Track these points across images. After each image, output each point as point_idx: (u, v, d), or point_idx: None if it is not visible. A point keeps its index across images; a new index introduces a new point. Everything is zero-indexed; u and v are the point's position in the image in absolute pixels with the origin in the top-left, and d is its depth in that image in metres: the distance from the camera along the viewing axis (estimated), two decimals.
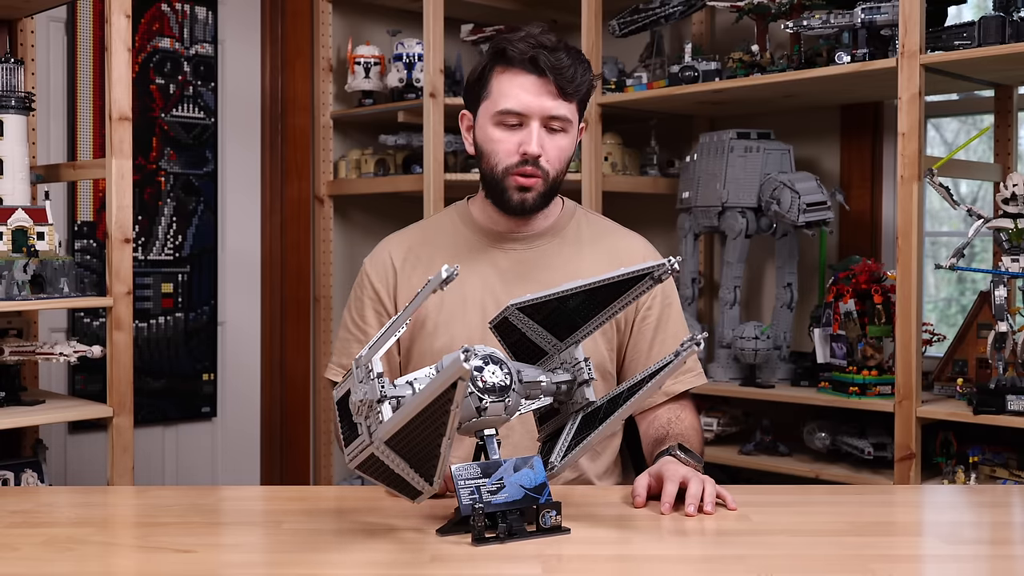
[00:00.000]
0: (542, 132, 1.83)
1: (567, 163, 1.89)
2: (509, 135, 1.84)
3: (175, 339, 3.48)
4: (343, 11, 3.67)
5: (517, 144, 1.83)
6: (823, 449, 2.88)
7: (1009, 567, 1.44)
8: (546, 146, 1.83)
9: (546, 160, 1.84)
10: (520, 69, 1.82)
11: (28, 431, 2.79)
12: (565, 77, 1.80)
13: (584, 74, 1.83)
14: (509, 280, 1.92)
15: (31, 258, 2.43)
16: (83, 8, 3.27)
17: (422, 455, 1.40)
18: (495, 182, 1.87)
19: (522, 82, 1.82)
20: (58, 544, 1.48)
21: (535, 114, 1.82)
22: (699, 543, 1.48)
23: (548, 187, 1.87)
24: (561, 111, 1.82)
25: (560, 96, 1.81)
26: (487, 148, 1.87)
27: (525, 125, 1.83)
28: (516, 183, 1.85)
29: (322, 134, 3.63)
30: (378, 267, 1.98)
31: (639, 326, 1.96)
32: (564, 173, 1.90)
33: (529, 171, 1.83)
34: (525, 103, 1.82)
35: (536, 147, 1.82)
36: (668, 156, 3.47)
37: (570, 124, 1.85)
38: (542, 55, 1.79)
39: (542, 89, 1.81)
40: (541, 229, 1.96)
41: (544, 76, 1.80)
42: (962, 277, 3.93)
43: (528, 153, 1.82)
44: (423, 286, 1.42)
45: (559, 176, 1.88)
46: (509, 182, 1.85)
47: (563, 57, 1.80)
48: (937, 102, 3.23)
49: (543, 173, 1.85)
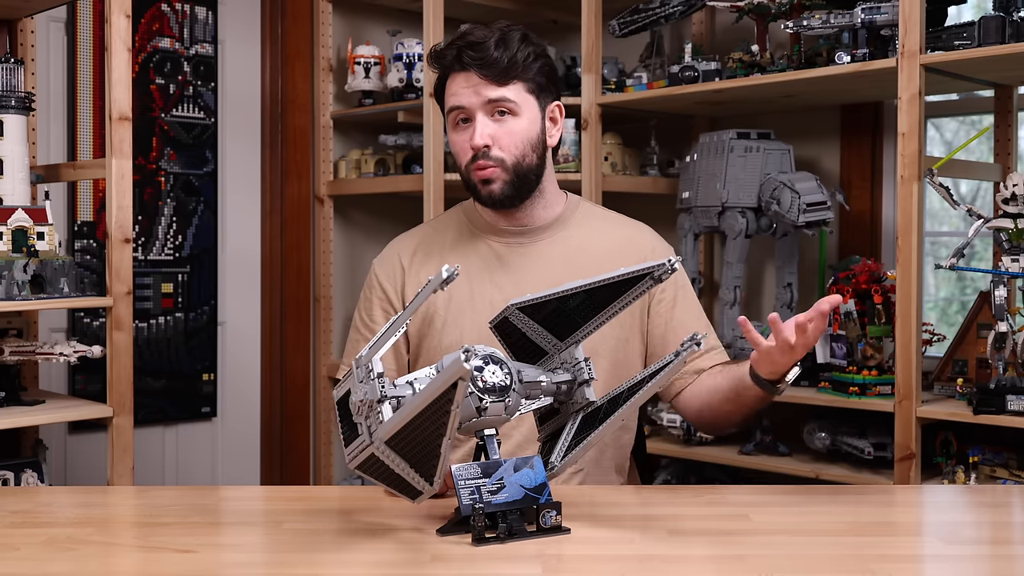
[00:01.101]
0: (488, 121, 1.87)
1: (530, 146, 1.89)
2: (462, 134, 1.90)
3: (175, 339, 3.48)
4: (343, 11, 3.67)
5: (468, 140, 1.88)
6: (823, 449, 2.88)
7: (1009, 567, 1.44)
8: (494, 133, 1.87)
9: (498, 148, 1.87)
10: (454, 71, 1.89)
11: (28, 431, 2.79)
12: (490, 64, 1.85)
13: (516, 54, 1.86)
14: (517, 275, 1.93)
15: (31, 258, 2.43)
16: (83, 8, 3.27)
17: (422, 455, 1.40)
18: (465, 181, 1.93)
19: (458, 80, 1.88)
20: (58, 544, 1.48)
21: (474, 106, 1.87)
22: (699, 543, 1.48)
23: (513, 174, 1.88)
24: (496, 94, 1.86)
25: (491, 81, 1.85)
26: (452, 151, 1.94)
27: (472, 119, 1.88)
28: (477, 177, 1.89)
29: (322, 134, 3.63)
30: (386, 266, 2.00)
31: (655, 309, 1.97)
32: (531, 157, 1.90)
33: (482, 163, 1.87)
34: (462, 98, 1.87)
35: (479, 138, 1.86)
36: (668, 156, 3.47)
37: (516, 105, 1.87)
38: (465, 53, 1.86)
39: (473, 81, 1.86)
40: (546, 222, 1.97)
41: (469, 70, 1.86)
42: (962, 277, 3.93)
43: (474, 146, 1.87)
44: (424, 286, 1.42)
45: (523, 160, 1.89)
46: (472, 178, 1.90)
47: (488, 46, 1.85)
48: (937, 102, 3.23)
49: (498, 161, 1.87)
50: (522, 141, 1.89)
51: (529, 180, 1.91)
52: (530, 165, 1.90)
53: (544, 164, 1.94)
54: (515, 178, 1.89)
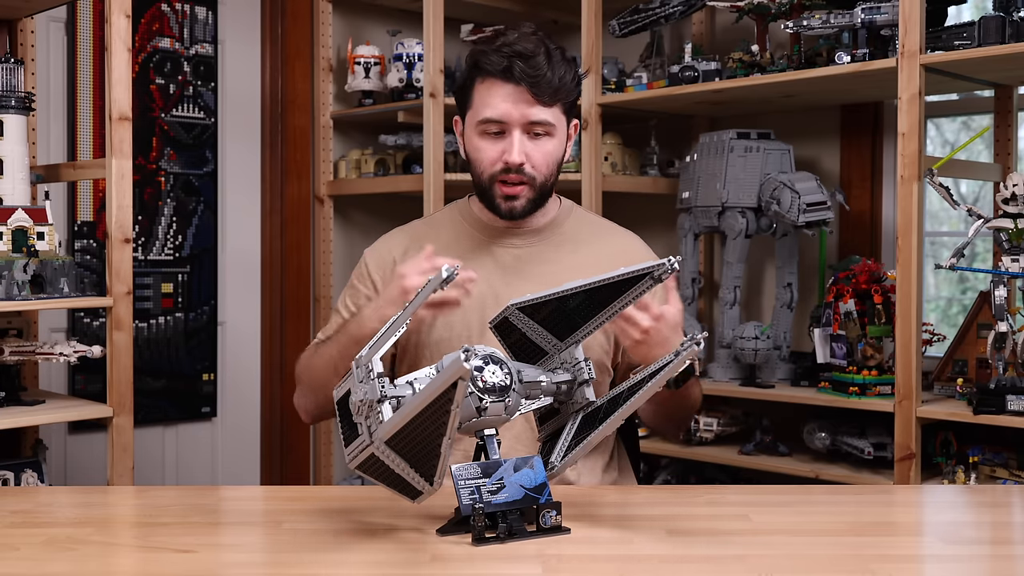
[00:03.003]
0: (524, 139, 1.84)
1: (556, 166, 1.90)
2: (492, 144, 1.86)
3: (175, 339, 3.48)
4: (343, 11, 3.67)
5: (500, 152, 1.85)
6: (823, 449, 2.88)
7: (1009, 567, 1.44)
8: (530, 152, 1.85)
9: (531, 166, 1.85)
10: (497, 79, 1.83)
11: (28, 431, 2.78)
12: (541, 85, 1.81)
13: (564, 76, 1.83)
14: (508, 275, 1.93)
15: (31, 258, 2.43)
16: (83, 8, 3.27)
17: (422, 455, 1.40)
18: (483, 189, 1.90)
19: (499, 91, 1.83)
20: (58, 544, 1.48)
21: (515, 122, 1.83)
22: (699, 543, 1.48)
23: (537, 193, 1.89)
24: (541, 116, 1.83)
25: (538, 102, 1.82)
26: (473, 157, 1.90)
27: (507, 133, 1.84)
28: (502, 192, 1.87)
29: (322, 134, 3.63)
30: (377, 259, 2.01)
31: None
32: (555, 176, 1.91)
33: (513, 179, 1.85)
34: (504, 112, 1.83)
35: (517, 156, 1.83)
36: (668, 156, 3.47)
37: (553, 128, 1.86)
38: (516, 64, 1.80)
39: (519, 97, 1.82)
40: (540, 226, 1.98)
41: (520, 84, 1.81)
42: (962, 277, 3.93)
43: (510, 162, 1.84)
44: (424, 285, 1.42)
45: (548, 180, 1.89)
46: (495, 190, 1.88)
47: (540, 63, 1.81)
48: (937, 102, 3.23)
49: (529, 179, 1.86)
50: (552, 162, 1.89)
51: (547, 198, 1.93)
52: (552, 183, 1.92)
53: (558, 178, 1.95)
54: (539, 196, 1.90)
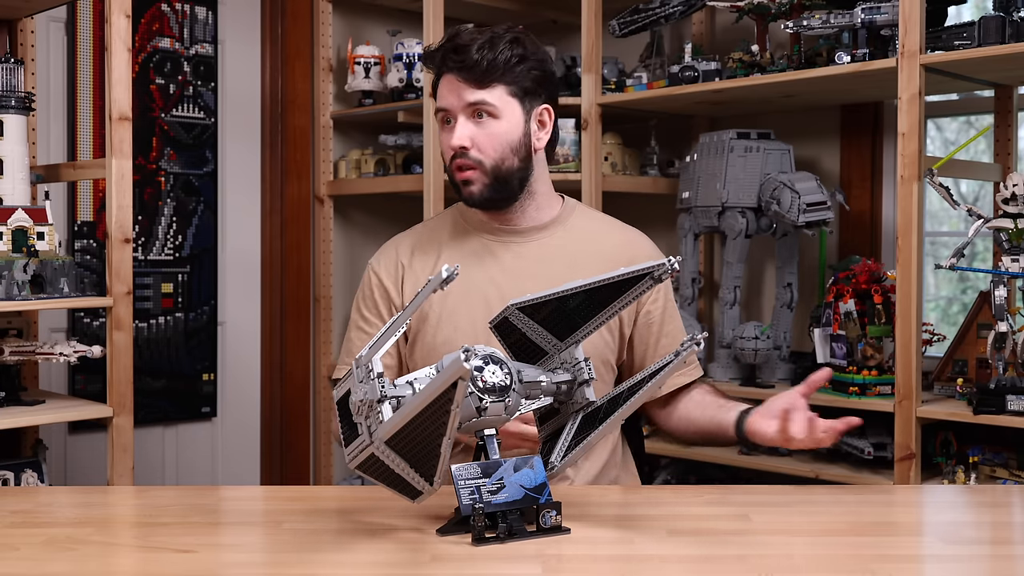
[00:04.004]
0: (468, 123, 1.89)
1: (510, 149, 1.90)
2: (446, 134, 1.92)
3: (175, 339, 3.48)
4: (343, 11, 3.67)
5: (449, 140, 1.91)
6: (823, 449, 2.88)
7: (1009, 567, 1.44)
8: (473, 134, 1.89)
9: (477, 150, 1.89)
10: (441, 73, 1.92)
11: (28, 431, 2.79)
12: (469, 67, 1.87)
13: (497, 58, 1.87)
14: (512, 274, 1.94)
15: (31, 258, 2.43)
16: (83, 8, 3.27)
17: (422, 455, 1.40)
18: (450, 179, 1.95)
19: (445, 83, 1.92)
20: (58, 544, 1.48)
21: (455, 108, 1.89)
22: (699, 543, 1.48)
23: (491, 177, 1.90)
24: (476, 97, 1.88)
25: (473, 84, 1.87)
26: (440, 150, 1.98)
27: (454, 121, 1.90)
28: (458, 178, 1.92)
29: (322, 134, 3.63)
30: (387, 265, 2.02)
31: (644, 319, 1.99)
32: (512, 160, 1.90)
33: (459, 163, 1.90)
34: (445, 100, 1.91)
35: (456, 140, 1.88)
36: (668, 156, 3.47)
37: (497, 108, 1.88)
38: (449, 57, 1.89)
39: (457, 84, 1.89)
40: (540, 223, 1.98)
41: (451, 72, 1.89)
42: (962, 277, 3.93)
43: (452, 146, 1.89)
44: (423, 285, 1.42)
45: (502, 163, 1.90)
46: (454, 178, 1.93)
47: (471, 50, 1.87)
48: (937, 102, 3.23)
49: (476, 163, 1.89)
50: (501, 144, 1.89)
51: (511, 183, 1.92)
52: (511, 168, 1.91)
53: (529, 167, 1.93)
54: (494, 181, 1.90)
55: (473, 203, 1.93)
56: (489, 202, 1.92)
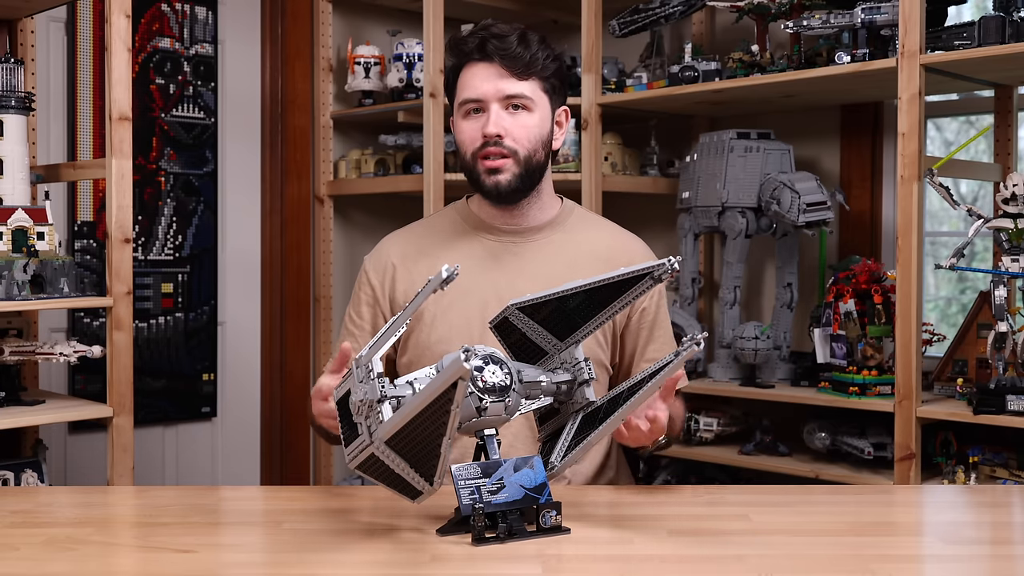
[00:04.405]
0: (502, 113, 1.88)
1: (540, 143, 1.91)
2: (473, 123, 1.90)
3: (175, 339, 3.48)
4: (343, 11, 3.67)
5: (479, 129, 1.89)
6: (823, 449, 2.88)
7: (1009, 567, 1.44)
8: (508, 125, 1.88)
9: (512, 139, 1.88)
10: (474, 60, 1.90)
11: (28, 431, 2.79)
12: (512, 57, 1.87)
13: (536, 53, 1.88)
14: (510, 274, 1.94)
15: (31, 258, 2.43)
16: (83, 8, 3.27)
17: (422, 455, 1.40)
18: (469, 170, 1.93)
19: (476, 71, 1.89)
20: (58, 544, 1.48)
21: (491, 97, 1.88)
22: (699, 543, 1.48)
23: (523, 168, 1.90)
24: (516, 89, 1.88)
25: (512, 75, 1.87)
26: (458, 139, 1.94)
27: (485, 110, 1.89)
28: (484, 167, 1.89)
29: (322, 134, 3.63)
30: (377, 264, 2.02)
31: (636, 323, 1.99)
32: (540, 154, 1.91)
33: (493, 151, 1.88)
34: (480, 89, 1.88)
35: (493, 127, 1.87)
36: (668, 156, 3.47)
37: (532, 102, 1.89)
38: (489, 42, 1.87)
39: (493, 73, 1.88)
40: (540, 223, 1.98)
41: (493, 61, 1.88)
42: (962, 277, 3.93)
43: (487, 133, 1.87)
44: (423, 286, 1.42)
45: (533, 156, 1.90)
46: (479, 167, 1.90)
47: (512, 40, 1.87)
48: (937, 102, 3.23)
49: (511, 152, 1.88)
50: (535, 136, 1.90)
51: (535, 177, 1.93)
52: (539, 162, 1.92)
53: (547, 165, 1.96)
54: (524, 171, 1.90)
55: (498, 194, 1.91)
56: (515, 193, 1.91)
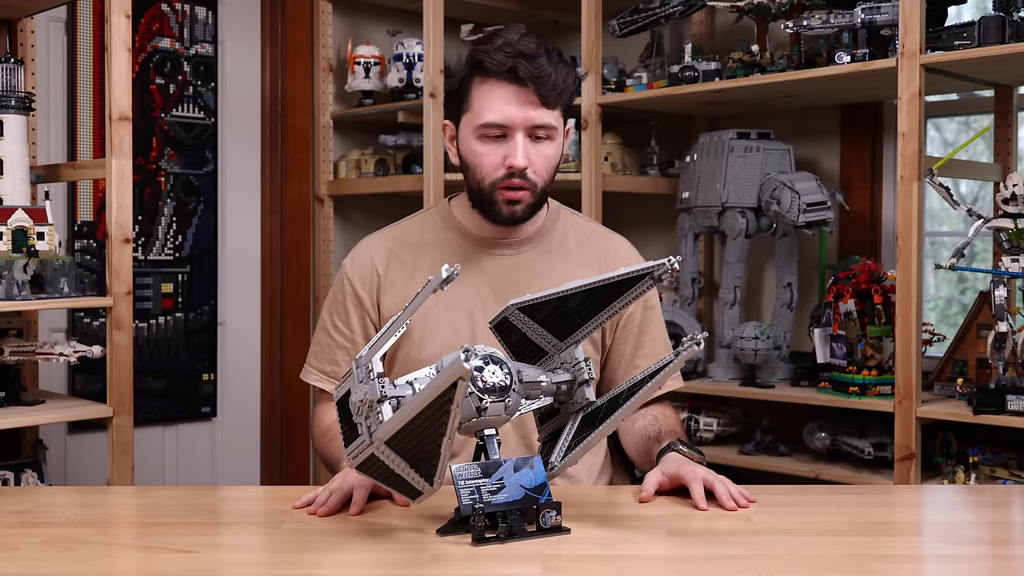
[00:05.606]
0: (527, 142, 1.78)
1: (554, 171, 1.86)
2: (493, 148, 1.79)
3: (175, 339, 3.48)
4: (343, 11, 3.67)
5: (502, 157, 1.79)
6: (823, 449, 2.88)
7: (1009, 567, 1.44)
8: (532, 157, 1.79)
9: (533, 171, 1.80)
10: (500, 80, 1.76)
11: (28, 431, 2.79)
12: (547, 85, 1.75)
13: (566, 78, 1.77)
14: (499, 288, 1.89)
15: (31, 258, 2.43)
16: (83, 8, 3.27)
17: (422, 455, 1.40)
18: (483, 196, 1.83)
19: (502, 93, 1.76)
20: (58, 544, 1.48)
21: (518, 126, 1.77)
22: (699, 543, 1.48)
23: (537, 197, 1.84)
24: (545, 119, 1.78)
25: (543, 104, 1.76)
26: (472, 162, 1.83)
27: (509, 137, 1.78)
28: (504, 197, 1.81)
29: (322, 134, 3.63)
30: (360, 271, 1.93)
31: (621, 330, 1.95)
32: (552, 181, 1.86)
33: (517, 183, 1.80)
34: (507, 115, 1.77)
35: (522, 159, 1.77)
36: (668, 156, 3.47)
37: (555, 131, 1.81)
38: (521, 64, 1.74)
39: (523, 99, 1.76)
40: (528, 234, 1.93)
41: (525, 86, 1.75)
42: (962, 277, 3.93)
43: (515, 166, 1.78)
44: (423, 286, 1.41)
45: (547, 184, 1.85)
46: (497, 196, 1.82)
47: (543, 64, 1.75)
48: (937, 102, 3.23)
49: (531, 184, 1.81)
50: (551, 167, 1.84)
51: (544, 201, 1.89)
52: (550, 188, 1.88)
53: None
54: (538, 201, 1.85)
55: (512, 222, 1.85)
56: (523, 221, 1.86)
